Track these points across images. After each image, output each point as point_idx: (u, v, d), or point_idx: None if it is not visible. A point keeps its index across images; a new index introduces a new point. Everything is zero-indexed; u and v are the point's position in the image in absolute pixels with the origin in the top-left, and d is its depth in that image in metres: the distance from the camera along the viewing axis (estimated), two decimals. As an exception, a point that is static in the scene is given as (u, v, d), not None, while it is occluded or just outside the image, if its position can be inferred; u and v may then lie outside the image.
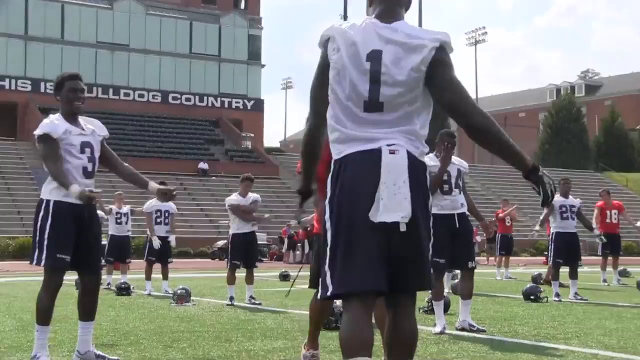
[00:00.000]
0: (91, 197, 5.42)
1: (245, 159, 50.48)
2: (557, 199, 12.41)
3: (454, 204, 7.79)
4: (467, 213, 7.98)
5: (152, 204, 13.43)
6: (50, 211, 5.53)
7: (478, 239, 27.86)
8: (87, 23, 54.71)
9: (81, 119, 5.81)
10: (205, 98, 57.28)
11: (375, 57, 3.22)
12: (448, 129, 8.43)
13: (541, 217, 13.32)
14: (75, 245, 5.54)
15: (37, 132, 5.60)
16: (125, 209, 14.71)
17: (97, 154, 5.74)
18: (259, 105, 59.05)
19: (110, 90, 54.23)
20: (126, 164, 5.98)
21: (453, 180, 7.85)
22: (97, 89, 53.03)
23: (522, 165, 3.22)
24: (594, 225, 15.38)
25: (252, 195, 11.58)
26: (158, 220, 13.50)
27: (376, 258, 3.17)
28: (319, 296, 3.32)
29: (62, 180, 5.45)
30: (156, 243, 13.20)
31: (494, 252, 21.12)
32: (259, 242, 13.95)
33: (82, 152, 5.62)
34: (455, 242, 7.76)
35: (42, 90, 51.73)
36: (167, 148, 49.53)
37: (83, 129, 5.71)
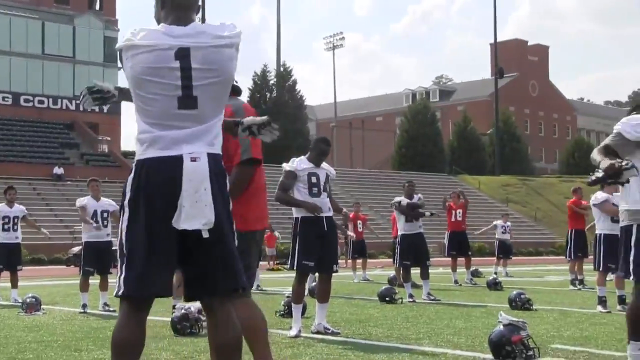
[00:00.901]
0: None
1: (102, 163, 49.21)
2: (401, 200, 12.85)
3: (322, 207, 7.87)
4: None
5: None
6: None
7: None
8: None
9: None
10: (59, 100, 55.41)
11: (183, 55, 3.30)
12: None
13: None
14: None
15: None
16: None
17: None
18: (115, 108, 57.64)
19: (-44, 92, 51.69)
20: None
21: (322, 184, 7.96)
22: (-58, 90, 50.35)
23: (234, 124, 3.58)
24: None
25: (106, 201, 11.35)
26: (5, 227, 12.98)
27: (169, 264, 3.28)
28: (114, 294, 3.36)
29: None
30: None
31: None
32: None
33: None
34: (323, 245, 7.87)
35: None
36: (19, 152, 47.63)
37: None
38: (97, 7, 61.25)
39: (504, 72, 68.01)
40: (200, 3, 3.62)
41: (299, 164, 7.96)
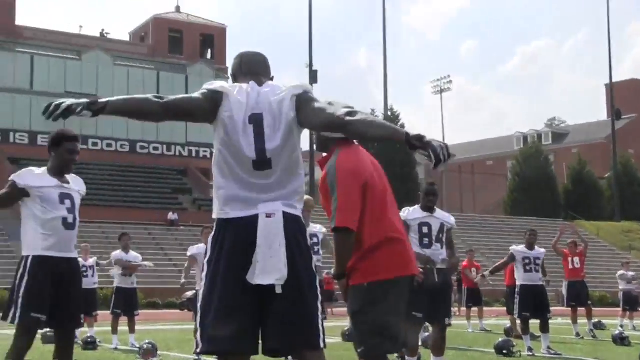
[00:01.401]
0: None
1: (214, 209, 50.07)
2: (520, 249, 12.28)
3: (433, 258, 7.62)
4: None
5: (118, 255, 13.21)
6: (28, 267, 5.45)
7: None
8: (56, 73, 54.43)
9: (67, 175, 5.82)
10: (173, 147, 57.03)
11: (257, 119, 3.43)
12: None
13: (496, 265, 13.08)
14: (52, 300, 5.42)
15: (12, 176, 5.66)
16: (91, 261, 14.35)
17: (77, 207, 5.72)
18: (227, 154, 58.86)
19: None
20: None
21: (434, 234, 7.69)
22: (65, 138, 52.59)
23: (398, 136, 3.24)
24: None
25: None
26: (124, 273, 13.21)
27: (248, 320, 3.28)
28: (193, 351, 3.42)
29: None
30: (148, 263, 13.38)
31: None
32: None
33: (62, 203, 5.59)
34: (433, 297, 7.57)
35: (12, 140, 51.34)
36: (135, 198, 49.09)
37: (66, 183, 5.69)
38: (209, 56, 63.07)
39: (621, 114, 65.90)
40: (269, 77, 3.72)
41: (411, 213, 7.76)
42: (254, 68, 3.69)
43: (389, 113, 66.54)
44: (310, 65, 51.43)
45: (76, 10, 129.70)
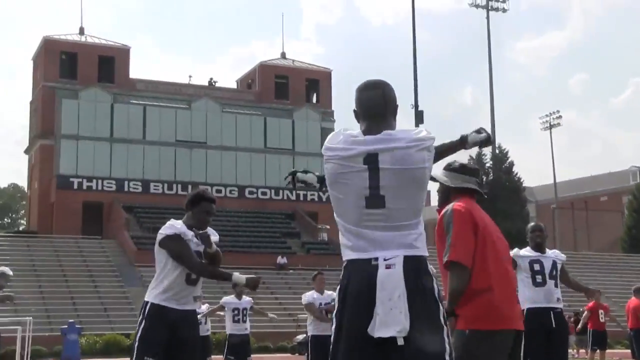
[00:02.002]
0: (257, 282, 6.05)
1: (322, 251, 50.26)
2: None
3: (548, 297, 7.33)
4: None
5: (228, 300, 13.31)
6: (146, 313, 5.62)
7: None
8: (167, 123, 56.20)
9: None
10: (280, 191, 57.73)
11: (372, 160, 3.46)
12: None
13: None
14: (167, 349, 5.53)
15: (167, 231, 5.76)
16: (204, 308, 14.42)
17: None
18: (334, 197, 59.13)
19: (189, 187, 55.14)
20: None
21: (547, 272, 7.42)
22: (177, 185, 54.06)
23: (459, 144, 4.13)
24: None
25: (331, 294, 11.26)
26: (236, 318, 13.26)
27: None
28: None
29: (217, 273, 5.96)
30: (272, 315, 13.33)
31: (585, 345, 20.10)
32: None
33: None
34: (550, 341, 7.23)
35: (126, 189, 53.26)
36: (244, 242, 49.80)
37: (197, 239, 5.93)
38: (314, 100, 63.85)
39: None
40: (392, 110, 3.76)
41: (521, 251, 7.54)
42: (370, 108, 3.67)
43: (497, 151, 65.58)
44: (416, 105, 51.27)
45: (185, 61, 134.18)
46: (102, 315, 37.08)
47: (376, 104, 3.65)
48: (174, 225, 5.84)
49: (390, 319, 3.20)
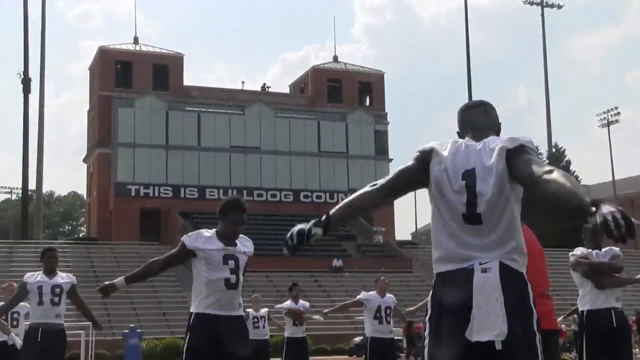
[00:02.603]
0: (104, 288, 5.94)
1: (378, 254, 50.20)
2: None
3: (608, 298, 7.15)
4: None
5: (287, 304, 13.41)
6: (191, 324, 5.73)
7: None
8: (221, 129, 56.75)
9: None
10: (335, 195, 57.80)
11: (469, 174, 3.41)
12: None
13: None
14: (213, 357, 5.60)
15: (183, 237, 5.98)
16: (263, 311, 14.45)
17: (241, 267, 5.90)
18: (389, 199, 58.94)
19: (244, 192, 55.65)
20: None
21: None
22: (232, 191, 54.46)
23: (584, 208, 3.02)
24: None
25: (390, 297, 11.34)
26: (295, 322, 13.35)
27: None
28: None
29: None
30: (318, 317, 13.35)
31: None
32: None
33: (225, 264, 5.80)
34: (610, 343, 7.06)
35: (182, 195, 53.93)
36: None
37: (232, 245, 5.91)
38: (368, 103, 63.79)
39: None
40: (490, 119, 3.76)
41: (581, 250, 7.46)
42: (473, 124, 3.70)
43: (553, 150, 64.74)
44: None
45: (238, 68, 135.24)
46: (162, 319, 37.64)
47: (479, 116, 3.73)
48: (191, 233, 6.06)
49: (488, 323, 3.19)
